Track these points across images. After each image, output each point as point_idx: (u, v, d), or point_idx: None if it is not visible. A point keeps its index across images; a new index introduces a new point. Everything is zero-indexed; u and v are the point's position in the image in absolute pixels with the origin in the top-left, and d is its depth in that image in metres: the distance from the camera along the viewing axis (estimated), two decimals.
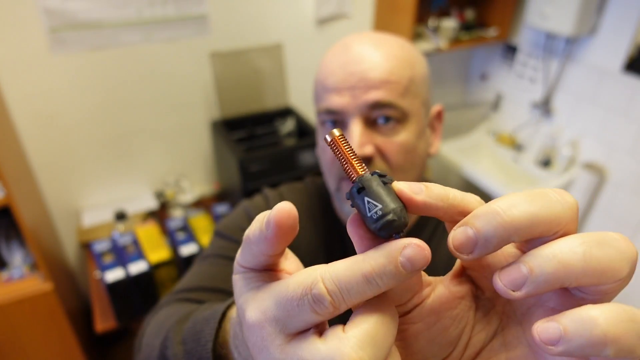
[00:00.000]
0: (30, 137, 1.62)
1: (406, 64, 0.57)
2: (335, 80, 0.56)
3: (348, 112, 0.56)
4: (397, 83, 0.55)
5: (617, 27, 1.65)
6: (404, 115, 0.57)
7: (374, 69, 0.55)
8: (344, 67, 0.56)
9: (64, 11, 1.47)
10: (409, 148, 0.58)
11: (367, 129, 0.56)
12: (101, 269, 1.33)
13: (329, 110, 0.57)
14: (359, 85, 0.55)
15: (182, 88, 1.79)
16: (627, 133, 1.70)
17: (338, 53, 0.58)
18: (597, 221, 1.91)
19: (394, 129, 0.57)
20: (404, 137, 0.57)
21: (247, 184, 1.54)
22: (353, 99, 0.55)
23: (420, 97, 0.59)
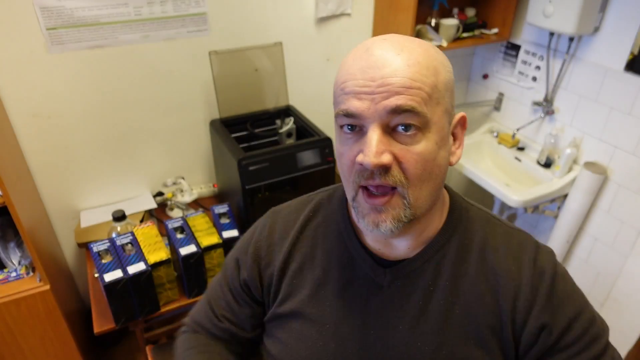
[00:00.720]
0: (28, 137, 1.61)
1: (429, 70, 0.55)
2: (355, 84, 0.54)
3: (367, 118, 0.54)
4: (419, 89, 0.53)
5: (620, 25, 1.64)
6: (425, 123, 0.54)
7: (396, 75, 0.53)
8: (364, 71, 0.54)
9: (61, 9, 1.46)
10: (429, 158, 0.55)
11: (385, 137, 0.54)
12: (99, 269, 1.31)
13: (347, 113, 0.55)
14: (379, 90, 0.53)
15: (181, 87, 1.78)
16: (631, 132, 1.69)
17: (359, 56, 0.56)
18: (599, 222, 1.90)
19: (414, 138, 0.54)
20: (424, 147, 0.55)
21: (246, 184, 1.52)
22: (373, 104, 0.53)
23: (443, 105, 0.57)
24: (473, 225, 0.67)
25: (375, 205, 0.57)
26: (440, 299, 0.64)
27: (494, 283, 0.63)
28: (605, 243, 1.90)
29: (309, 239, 0.73)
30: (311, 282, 0.71)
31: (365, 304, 0.67)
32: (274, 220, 0.78)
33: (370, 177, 0.55)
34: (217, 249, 1.43)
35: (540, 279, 0.63)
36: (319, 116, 2.06)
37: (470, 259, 0.65)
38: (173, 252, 1.46)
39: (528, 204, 1.84)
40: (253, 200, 1.59)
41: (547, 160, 1.96)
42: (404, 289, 0.65)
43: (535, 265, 0.64)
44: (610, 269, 1.90)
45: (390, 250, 0.66)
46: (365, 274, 0.67)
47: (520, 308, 0.62)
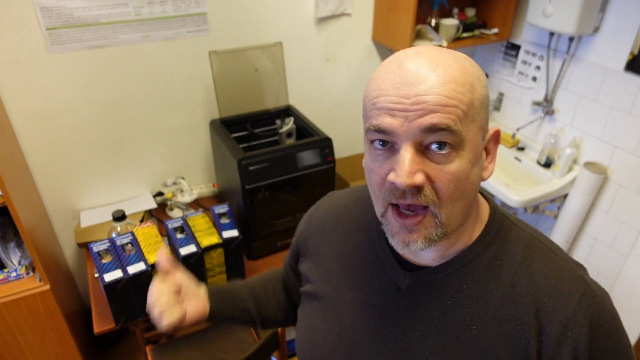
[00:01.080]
0: (28, 137, 1.61)
1: (465, 86, 0.52)
2: (388, 100, 0.52)
3: (400, 136, 0.52)
4: (455, 107, 0.51)
5: (620, 25, 1.64)
6: (460, 141, 0.53)
7: (431, 92, 0.51)
8: (398, 87, 0.52)
9: (61, 9, 1.46)
10: (462, 177, 0.54)
11: (418, 156, 0.53)
12: (99, 269, 1.31)
13: (379, 129, 0.53)
14: (414, 108, 0.51)
15: (181, 87, 1.78)
16: (631, 132, 1.69)
17: (392, 70, 0.54)
18: (599, 222, 1.90)
19: (448, 157, 0.53)
20: (458, 166, 0.53)
21: (246, 184, 1.52)
22: (406, 121, 0.51)
23: (479, 122, 0.55)
24: (511, 246, 0.63)
25: (406, 225, 0.56)
26: (457, 315, 0.61)
27: (522, 311, 0.58)
28: (605, 243, 1.90)
29: (342, 228, 0.76)
30: (338, 269, 0.73)
31: (384, 302, 0.67)
32: (321, 205, 0.83)
33: (401, 196, 0.54)
34: (217, 249, 1.43)
35: (580, 322, 0.56)
36: (319, 116, 2.06)
37: (500, 280, 0.61)
38: (173, 252, 1.46)
39: (528, 204, 1.84)
40: (253, 200, 1.59)
41: (547, 160, 1.96)
42: (421, 297, 0.64)
43: (578, 305, 0.57)
44: (610, 269, 1.90)
45: (414, 256, 0.65)
46: (387, 273, 0.68)
47: (549, 344, 0.57)
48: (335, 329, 0.71)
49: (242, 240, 1.50)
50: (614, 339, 0.57)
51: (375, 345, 0.67)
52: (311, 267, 0.78)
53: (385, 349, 0.66)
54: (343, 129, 2.21)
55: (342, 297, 0.72)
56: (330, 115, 2.13)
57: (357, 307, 0.69)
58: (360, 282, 0.70)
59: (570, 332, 0.56)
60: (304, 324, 0.77)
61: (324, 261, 0.76)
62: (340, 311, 0.71)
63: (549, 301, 0.58)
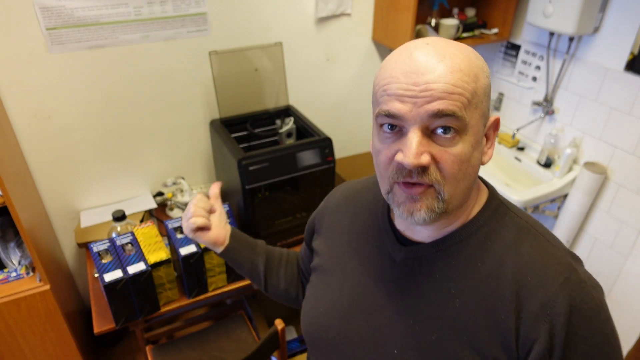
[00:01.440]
0: (28, 137, 1.61)
1: (470, 76, 0.57)
2: (398, 87, 0.56)
3: (408, 120, 0.57)
4: (461, 95, 0.56)
5: (620, 25, 1.64)
6: (464, 126, 0.57)
7: (439, 81, 0.55)
8: (408, 75, 0.56)
9: (61, 9, 1.46)
10: (464, 159, 0.58)
11: (424, 138, 0.57)
12: (99, 269, 1.31)
13: (389, 114, 0.57)
14: (422, 95, 0.55)
15: (181, 87, 1.78)
16: (631, 132, 1.69)
17: (402, 60, 0.58)
18: (599, 222, 1.90)
19: (452, 140, 0.57)
20: (461, 149, 0.58)
21: (246, 184, 1.52)
22: (415, 107, 0.56)
23: (481, 109, 0.59)
24: (503, 230, 0.66)
25: (411, 194, 0.60)
26: (444, 288, 0.65)
27: (505, 288, 0.61)
28: (605, 243, 1.90)
29: (354, 209, 0.83)
30: (345, 244, 0.80)
31: (379, 273, 0.73)
32: (338, 189, 0.90)
33: (408, 175, 0.58)
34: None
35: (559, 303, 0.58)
36: (319, 116, 2.06)
37: (488, 259, 0.64)
38: (173, 252, 1.46)
39: (528, 204, 1.84)
40: (253, 200, 1.59)
41: (547, 160, 1.96)
42: (412, 269, 0.69)
43: (561, 287, 0.59)
44: (610, 269, 1.90)
45: (412, 232, 0.70)
46: (385, 247, 0.73)
47: (527, 320, 0.59)
48: (335, 297, 0.77)
49: None
50: (595, 325, 0.59)
51: (367, 312, 0.72)
52: (322, 242, 0.85)
53: (375, 316, 0.71)
54: (343, 129, 2.21)
55: (345, 269, 0.78)
56: (330, 115, 2.13)
57: (356, 278, 0.76)
58: (362, 256, 0.76)
59: (549, 311, 0.58)
60: (310, 294, 0.84)
61: (334, 237, 0.83)
62: (342, 281, 0.77)
63: (532, 280, 0.60)
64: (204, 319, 1.87)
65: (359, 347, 0.72)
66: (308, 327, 0.81)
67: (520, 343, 0.60)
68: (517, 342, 0.60)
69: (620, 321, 1.91)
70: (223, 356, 1.53)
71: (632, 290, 1.83)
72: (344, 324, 0.74)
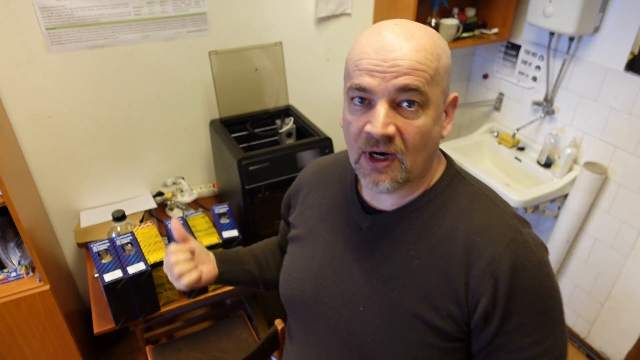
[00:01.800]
0: (28, 137, 1.61)
1: (433, 55, 0.63)
2: (369, 63, 0.62)
3: (377, 93, 0.62)
4: (424, 72, 0.61)
5: (620, 25, 1.64)
6: (426, 101, 0.63)
7: (405, 58, 0.61)
8: (378, 52, 0.62)
9: (61, 9, 1.46)
10: (426, 131, 0.64)
11: (391, 111, 0.63)
12: (99, 269, 1.31)
13: (360, 87, 0.63)
14: (390, 70, 0.61)
15: (180, 87, 1.78)
16: (631, 132, 1.69)
17: (373, 38, 0.64)
18: (599, 222, 1.90)
19: (415, 113, 0.63)
20: (423, 122, 0.64)
21: (246, 184, 1.52)
22: (383, 81, 0.61)
23: (442, 86, 0.65)
24: (458, 197, 0.73)
25: (377, 168, 0.66)
26: (403, 251, 0.72)
27: (457, 249, 0.68)
28: (605, 243, 1.90)
29: (325, 183, 0.89)
30: (317, 215, 0.87)
31: (347, 239, 0.80)
32: (310, 165, 0.96)
33: (375, 144, 0.64)
34: (217, 248, 1.43)
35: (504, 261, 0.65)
36: (319, 116, 2.06)
37: (443, 223, 0.71)
38: None
39: (528, 204, 1.84)
40: (253, 200, 1.59)
41: (547, 160, 1.96)
42: (376, 235, 0.76)
43: (507, 247, 0.65)
44: (610, 269, 1.90)
45: (377, 202, 0.77)
46: (352, 216, 0.80)
47: (475, 277, 0.66)
48: (308, 263, 0.84)
49: (242, 240, 1.50)
50: (536, 279, 0.66)
51: (337, 275, 0.79)
52: (297, 215, 0.91)
53: (343, 278, 0.78)
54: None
55: (316, 238, 0.85)
56: (330, 115, 2.13)
57: (327, 245, 0.82)
58: (332, 225, 0.83)
59: (494, 268, 0.65)
60: (286, 263, 0.91)
61: (307, 209, 0.89)
62: (314, 249, 0.84)
63: (481, 241, 0.67)
64: (204, 319, 1.87)
65: (330, 307, 0.79)
66: (285, 292, 0.87)
67: (469, 297, 0.66)
68: (467, 296, 0.67)
69: (620, 321, 1.91)
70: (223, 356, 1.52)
71: (632, 290, 1.83)
72: (316, 287, 0.81)
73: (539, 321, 0.66)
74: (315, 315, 0.81)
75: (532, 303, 0.65)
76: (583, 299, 2.05)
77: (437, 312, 0.68)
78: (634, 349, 1.88)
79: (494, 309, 0.65)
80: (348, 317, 0.76)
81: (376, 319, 0.73)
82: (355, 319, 0.75)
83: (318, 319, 0.81)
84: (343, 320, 0.77)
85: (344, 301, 0.77)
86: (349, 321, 0.76)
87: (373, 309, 0.73)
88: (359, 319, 0.74)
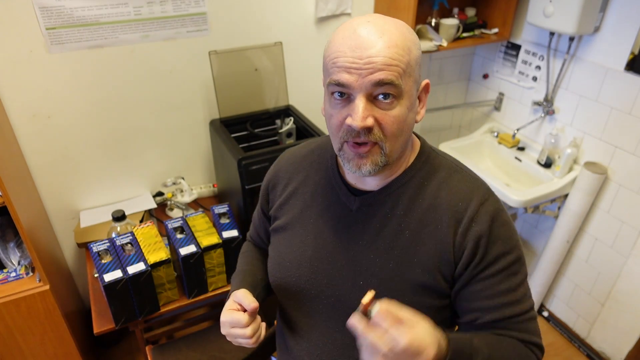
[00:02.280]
0: (28, 137, 1.61)
1: (405, 49, 0.68)
2: (346, 61, 0.67)
3: (355, 89, 0.68)
4: (397, 66, 0.67)
5: (620, 25, 1.64)
6: (400, 92, 0.69)
7: (379, 55, 0.66)
8: (353, 50, 0.67)
9: (61, 9, 1.46)
10: (402, 119, 0.71)
11: (368, 104, 0.68)
12: (99, 269, 1.31)
13: (339, 83, 0.68)
14: (366, 67, 0.66)
15: (180, 87, 1.77)
16: (631, 132, 1.69)
17: (348, 36, 0.69)
18: (599, 222, 1.90)
19: (391, 104, 0.69)
20: (399, 111, 0.70)
21: (246, 184, 1.52)
22: (360, 77, 0.67)
23: (414, 77, 0.71)
24: (437, 170, 0.82)
25: (359, 153, 0.72)
26: (394, 224, 0.80)
27: (442, 214, 0.77)
28: (605, 243, 1.90)
29: (304, 172, 0.92)
30: (301, 203, 0.90)
31: (338, 222, 0.85)
32: (283, 157, 0.99)
33: (356, 136, 0.70)
34: (217, 249, 1.43)
35: (482, 217, 0.76)
36: (319, 116, 2.06)
37: (426, 195, 0.79)
38: (173, 252, 1.46)
39: (528, 204, 1.84)
40: (253, 200, 1.59)
41: (548, 160, 1.96)
42: (367, 214, 0.82)
43: (482, 206, 0.77)
44: (610, 269, 1.90)
45: (362, 184, 0.83)
46: (340, 200, 0.85)
47: (460, 233, 0.76)
48: (300, 250, 0.87)
49: (242, 240, 1.50)
50: (508, 231, 0.78)
51: (333, 256, 0.84)
52: (279, 206, 0.94)
53: (340, 258, 0.83)
54: None
55: (305, 225, 0.88)
56: None
57: (317, 229, 0.86)
58: (320, 210, 0.87)
59: (474, 223, 0.76)
60: (274, 253, 0.93)
61: (290, 199, 0.92)
62: (304, 235, 0.88)
63: (462, 205, 0.77)
64: (204, 319, 1.87)
65: (328, 286, 0.84)
66: (279, 281, 0.90)
67: (455, 252, 0.76)
68: (454, 252, 0.76)
69: (620, 321, 1.91)
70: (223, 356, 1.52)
71: (632, 290, 1.83)
72: (312, 270, 0.85)
73: (512, 270, 0.77)
74: (314, 296, 0.86)
75: (506, 252, 0.76)
76: (583, 299, 2.05)
77: (430, 274, 0.77)
78: (634, 349, 1.88)
79: (474, 256, 0.75)
80: (349, 292, 0.82)
81: (377, 289, 0.76)
82: (356, 292, 0.81)
83: (317, 300, 0.86)
84: (343, 296, 0.83)
85: (342, 278, 0.83)
86: (349, 296, 0.82)
87: (373, 281, 0.80)
88: (360, 292, 0.78)
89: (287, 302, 0.92)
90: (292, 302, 0.90)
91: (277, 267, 0.91)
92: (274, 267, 0.92)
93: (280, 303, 0.96)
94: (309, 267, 0.86)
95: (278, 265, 0.91)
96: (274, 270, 0.92)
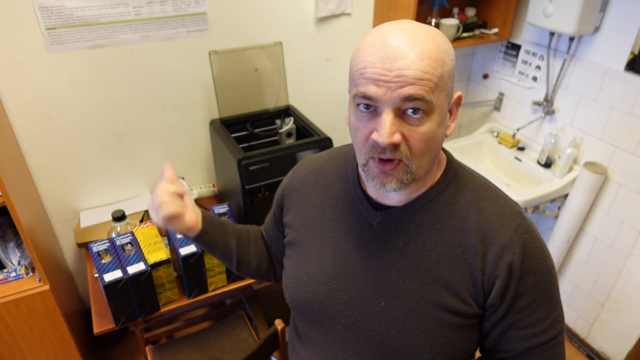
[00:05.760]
0: (28, 137, 1.61)
1: (438, 62, 0.63)
2: (374, 72, 0.63)
3: (382, 102, 0.63)
4: (429, 80, 0.62)
5: (621, 25, 1.64)
6: (431, 108, 0.64)
7: (410, 67, 0.61)
8: (382, 61, 0.62)
9: (61, 9, 1.46)
10: (430, 136, 0.66)
11: (396, 119, 0.64)
12: (99, 269, 1.31)
13: (366, 96, 0.64)
14: (395, 80, 0.61)
15: (180, 87, 1.77)
16: (631, 132, 1.69)
17: (377, 46, 0.63)
18: (599, 222, 1.90)
19: (420, 120, 0.64)
20: (428, 127, 0.65)
21: (246, 184, 1.52)
22: (389, 91, 0.62)
23: (446, 90, 0.66)
24: (464, 188, 0.77)
25: (384, 170, 0.68)
26: (419, 243, 0.75)
27: (470, 237, 0.73)
28: (605, 243, 1.90)
29: (323, 181, 0.88)
30: (320, 215, 0.86)
31: (358, 237, 0.80)
32: (302, 164, 0.96)
33: (382, 152, 0.66)
34: None
35: (514, 245, 0.71)
36: (319, 116, 2.06)
37: (454, 215, 0.75)
38: (173, 252, 1.46)
39: (528, 204, 1.84)
40: (253, 200, 1.59)
41: (548, 160, 1.96)
42: (389, 230, 0.78)
43: (514, 232, 0.72)
44: (610, 269, 1.90)
45: (384, 199, 0.79)
46: (361, 214, 0.81)
47: (490, 261, 0.71)
48: (318, 265, 0.83)
49: None
50: (540, 259, 0.73)
51: (351, 273, 0.80)
52: (294, 216, 0.90)
53: (360, 275, 0.79)
54: (343, 129, 2.20)
55: (323, 239, 0.84)
56: (330, 115, 2.13)
57: (336, 244, 0.82)
58: (339, 224, 0.83)
59: (507, 251, 0.71)
60: (290, 267, 0.89)
61: (307, 210, 0.88)
62: (323, 250, 0.83)
63: (493, 228, 0.73)
64: (204, 319, 1.87)
65: (348, 305, 0.80)
66: (295, 297, 0.86)
67: (485, 280, 0.72)
68: (483, 280, 0.72)
69: (620, 321, 1.91)
70: (223, 356, 1.52)
71: (632, 290, 1.83)
72: (331, 287, 0.81)
73: (545, 298, 0.73)
74: (332, 315, 0.81)
75: (538, 282, 0.72)
76: (583, 299, 2.05)
77: (458, 298, 0.73)
78: (634, 349, 1.88)
79: (507, 289, 0.71)
80: (369, 312, 0.78)
81: (399, 312, 0.75)
82: (377, 314, 0.77)
83: (335, 319, 0.81)
84: (363, 317, 0.78)
85: (363, 298, 0.78)
86: (370, 317, 0.77)
87: (395, 303, 0.76)
88: (382, 314, 0.76)
89: (302, 319, 0.88)
90: (308, 318, 0.86)
91: (294, 282, 0.87)
92: (290, 281, 0.88)
93: (295, 318, 0.93)
94: (328, 284, 0.81)
95: (295, 280, 0.86)
96: (290, 285, 0.88)
